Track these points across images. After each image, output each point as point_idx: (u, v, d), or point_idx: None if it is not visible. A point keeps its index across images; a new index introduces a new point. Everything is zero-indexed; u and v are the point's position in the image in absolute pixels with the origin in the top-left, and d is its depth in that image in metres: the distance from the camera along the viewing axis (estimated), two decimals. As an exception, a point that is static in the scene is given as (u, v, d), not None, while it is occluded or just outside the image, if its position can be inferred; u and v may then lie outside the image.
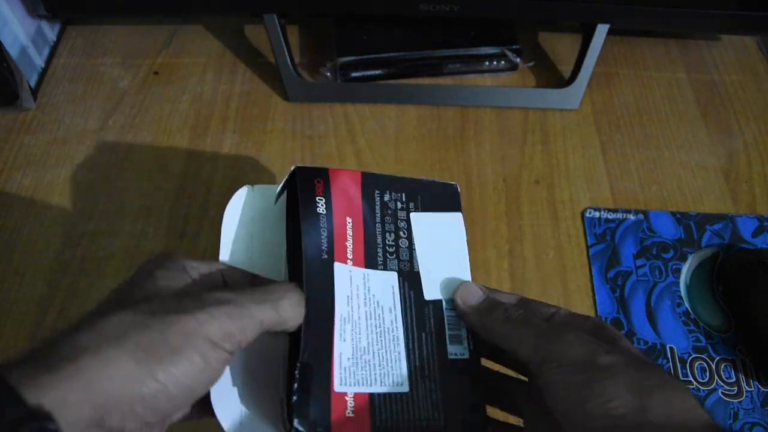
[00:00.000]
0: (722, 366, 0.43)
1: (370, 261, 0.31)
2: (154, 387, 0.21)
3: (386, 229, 0.32)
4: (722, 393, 0.42)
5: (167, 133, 0.54)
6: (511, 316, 0.29)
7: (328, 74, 0.56)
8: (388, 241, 0.32)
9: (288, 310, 0.26)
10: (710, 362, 0.43)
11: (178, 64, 0.59)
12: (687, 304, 0.46)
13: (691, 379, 0.42)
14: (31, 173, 0.50)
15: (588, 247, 0.48)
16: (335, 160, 0.52)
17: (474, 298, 0.31)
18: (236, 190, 0.33)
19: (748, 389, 0.42)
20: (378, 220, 0.32)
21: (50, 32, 0.59)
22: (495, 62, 0.58)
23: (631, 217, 0.50)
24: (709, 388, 0.42)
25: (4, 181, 0.50)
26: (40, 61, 0.57)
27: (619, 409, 0.23)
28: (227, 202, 0.33)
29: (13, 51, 0.52)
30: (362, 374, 0.28)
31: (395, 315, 0.30)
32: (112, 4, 0.56)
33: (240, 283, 0.29)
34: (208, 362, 0.22)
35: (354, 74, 0.56)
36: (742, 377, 0.42)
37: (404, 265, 0.32)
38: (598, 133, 0.55)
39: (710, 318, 0.45)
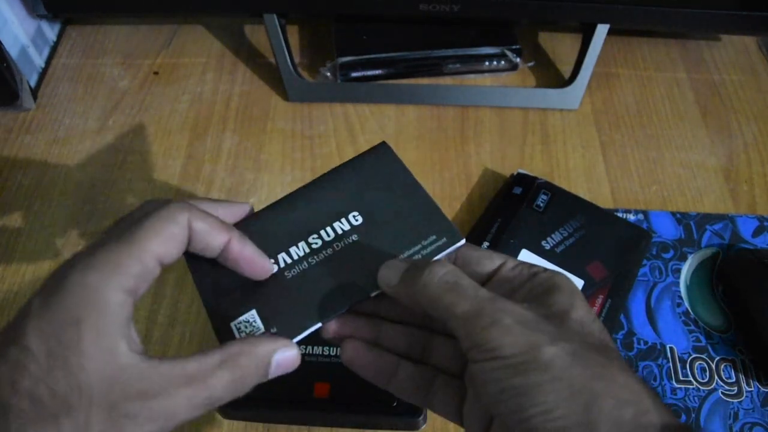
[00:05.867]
0: (722, 366, 0.43)
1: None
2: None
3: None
4: (722, 393, 0.42)
5: (167, 133, 0.54)
6: (433, 280, 0.23)
7: (328, 74, 0.56)
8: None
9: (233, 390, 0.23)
10: (710, 362, 0.43)
11: (178, 64, 0.59)
12: (687, 304, 0.46)
13: (691, 379, 0.42)
14: (31, 173, 0.50)
15: (588, 247, 0.48)
16: (335, 160, 0.52)
17: (392, 272, 0.25)
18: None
19: (748, 389, 0.42)
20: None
21: (50, 32, 0.59)
22: (495, 62, 0.58)
23: (631, 217, 0.50)
24: (709, 388, 0.42)
25: (4, 181, 0.50)
26: (40, 61, 0.57)
27: (560, 420, 0.20)
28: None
29: (13, 51, 0.52)
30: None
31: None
32: (112, 4, 0.56)
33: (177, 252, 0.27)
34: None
35: (354, 74, 0.56)
36: (742, 377, 0.42)
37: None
38: (598, 133, 0.55)
39: (710, 318, 0.45)
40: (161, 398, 0.21)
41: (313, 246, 0.28)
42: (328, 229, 0.28)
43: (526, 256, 0.44)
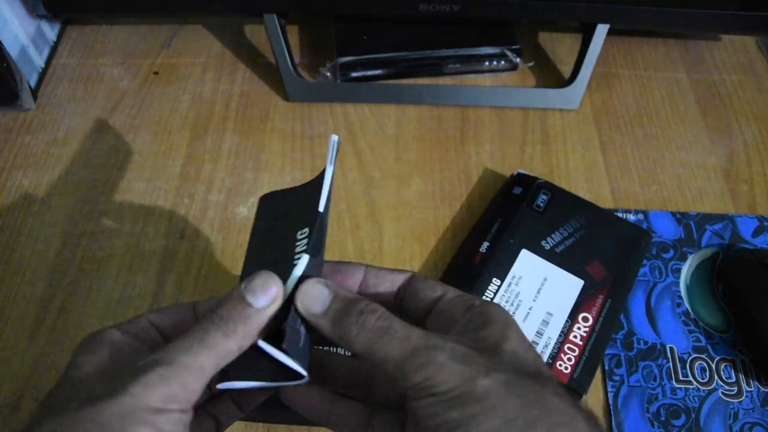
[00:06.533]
0: (722, 366, 0.43)
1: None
2: None
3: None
4: (722, 393, 0.42)
5: (167, 133, 0.54)
6: (366, 325, 0.23)
7: (328, 74, 0.56)
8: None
9: (224, 344, 0.23)
10: (710, 362, 0.43)
11: (178, 64, 0.59)
12: (687, 304, 0.46)
13: (691, 379, 0.42)
14: (31, 173, 0.50)
15: (588, 247, 0.48)
16: (335, 160, 0.52)
17: (317, 302, 0.25)
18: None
19: (748, 389, 0.42)
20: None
21: (50, 32, 0.59)
22: (495, 62, 0.58)
23: (631, 217, 0.50)
24: (709, 388, 0.42)
25: (4, 181, 0.50)
26: (40, 61, 0.57)
27: None
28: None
29: (13, 51, 0.52)
30: None
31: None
32: (112, 4, 0.56)
33: (176, 326, 0.26)
34: (161, 429, 0.21)
35: (354, 74, 0.56)
36: (742, 377, 0.42)
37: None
38: (598, 133, 0.55)
39: (710, 318, 0.45)
40: None
41: None
42: None
43: (526, 256, 0.44)
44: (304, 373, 0.24)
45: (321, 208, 0.26)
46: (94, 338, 0.24)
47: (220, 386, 0.24)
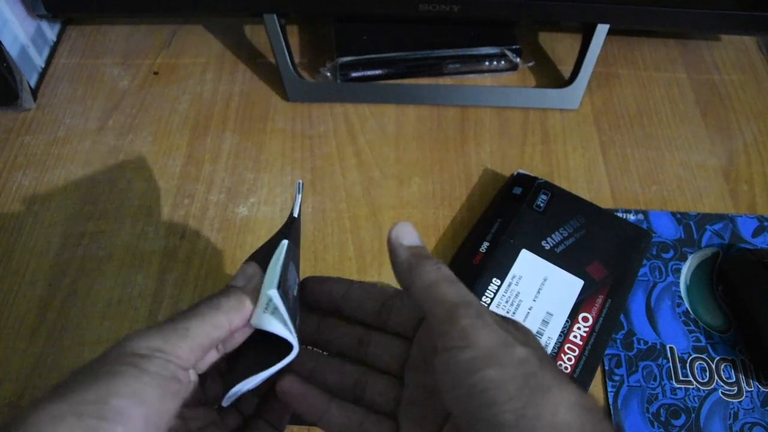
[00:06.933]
0: (722, 366, 0.43)
1: None
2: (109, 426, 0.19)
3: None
4: (722, 393, 0.42)
5: (167, 133, 0.54)
6: (442, 270, 0.26)
7: (328, 74, 0.56)
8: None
9: (211, 313, 0.24)
10: (710, 362, 0.43)
11: (178, 64, 0.59)
12: (687, 304, 0.46)
13: (691, 379, 0.42)
14: (31, 173, 0.50)
15: (588, 247, 0.48)
16: (335, 160, 0.52)
17: (412, 236, 0.27)
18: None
19: (748, 389, 0.42)
20: None
21: (50, 32, 0.59)
22: (495, 62, 0.58)
23: (631, 217, 0.50)
24: (709, 388, 0.42)
25: (4, 181, 0.50)
26: (40, 61, 0.57)
27: (527, 421, 0.20)
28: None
29: (13, 51, 0.52)
30: None
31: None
32: (112, 4, 0.56)
33: None
34: (145, 369, 0.21)
35: (354, 74, 0.57)
36: (742, 377, 0.42)
37: None
38: (598, 133, 0.55)
39: (710, 318, 0.45)
40: None
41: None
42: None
43: (526, 256, 0.44)
44: (294, 342, 0.25)
45: (296, 214, 0.28)
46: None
47: (225, 402, 0.25)
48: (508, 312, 0.42)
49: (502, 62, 0.58)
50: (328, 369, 0.30)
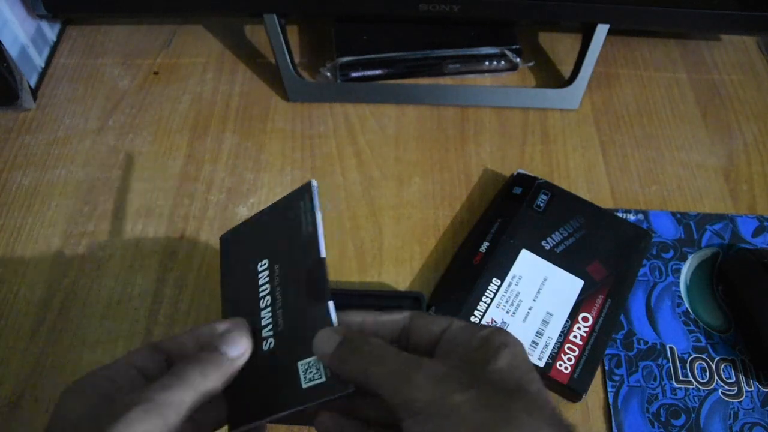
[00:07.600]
0: (722, 366, 0.43)
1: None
2: None
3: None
4: (722, 393, 0.42)
5: (167, 133, 0.54)
6: (364, 352, 0.25)
7: (328, 74, 0.56)
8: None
9: (201, 382, 0.25)
10: (710, 362, 0.43)
11: (178, 64, 0.59)
12: (687, 304, 0.46)
13: (691, 379, 0.42)
14: (31, 173, 0.50)
15: (588, 247, 0.48)
16: (335, 160, 0.52)
17: (327, 344, 0.26)
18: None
19: (748, 389, 0.42)
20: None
21: (50, 32, 0.59)
22: (495, 62, 0.58)
23: (631, 217, 0.50)
24: (709, 388, 0.42)
25: (4, 181, 0.50)
26: (40, 61, 0.57)
27: None
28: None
29: (13, 51, 0.52)
30: None
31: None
32: (112, 4, 0.56)
33: (155, 365, 0.28)
34: None
35: (354, 74, 0.57)
36: (742, 377, 0.42)
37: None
38: (598, 133, 0.55)
39: (710, 318, 0.45)
40: None
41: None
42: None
43: (526, 256, 0.44)
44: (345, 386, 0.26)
45: (322, 254, 0.29)
46: (77, 384, 0.25)
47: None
48: (508, 312, 0.42)
49: (502, 62, 0.58)
50: (363, 404, 0.29)
